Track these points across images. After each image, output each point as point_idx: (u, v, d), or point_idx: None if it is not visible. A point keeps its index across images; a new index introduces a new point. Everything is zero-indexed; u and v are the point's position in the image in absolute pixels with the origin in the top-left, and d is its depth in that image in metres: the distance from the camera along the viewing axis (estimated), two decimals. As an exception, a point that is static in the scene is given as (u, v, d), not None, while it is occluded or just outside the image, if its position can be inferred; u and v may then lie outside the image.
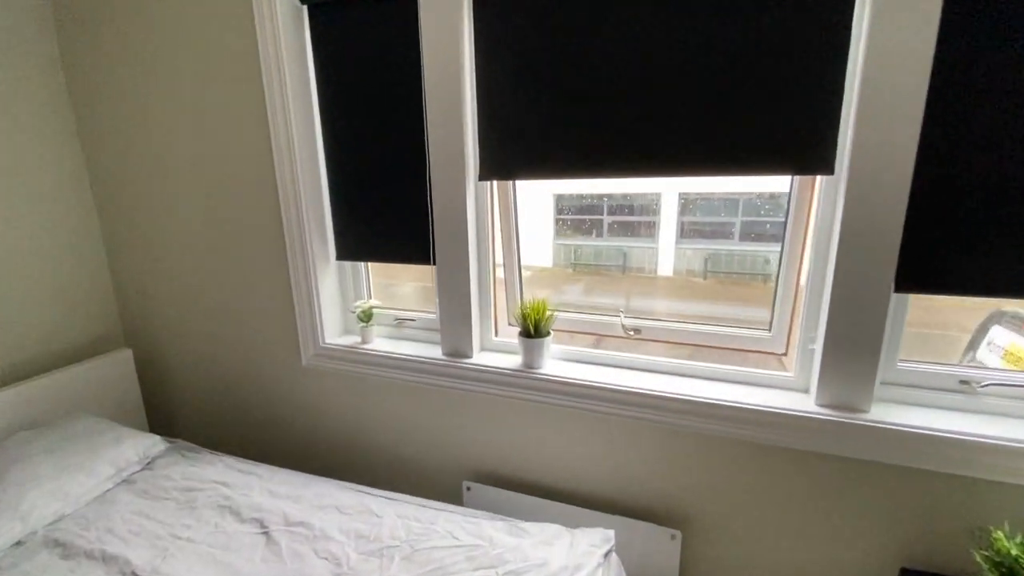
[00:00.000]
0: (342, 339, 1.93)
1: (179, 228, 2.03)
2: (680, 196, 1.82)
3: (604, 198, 2.03)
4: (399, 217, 1.73)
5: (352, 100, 1.69)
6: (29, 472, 1.50)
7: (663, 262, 1.89)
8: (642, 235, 1.93)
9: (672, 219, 1.84)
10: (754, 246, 1.72)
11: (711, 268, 1.83)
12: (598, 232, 2.07)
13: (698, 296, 1.88)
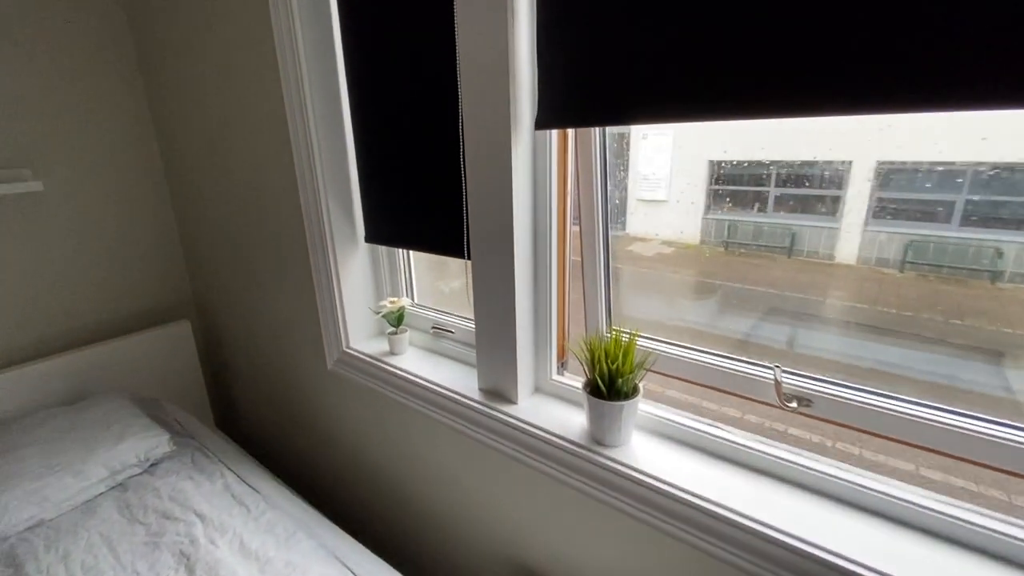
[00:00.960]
0: (371, 344, 1.50)
1: (221, 194, 1.77)
2: (878, 165, 1.22)
3: (772, 165, 1.42)
4: (428, 189, 1.21)
5: (377, 41, 1.18)
6: (15, 467, 1.34)
7: (844, 247, 1.40)
8: (819, 212, 1.40)
9: (863, 194, 1.30)
10: (983, 233, 1.14)
11: (913, 258, 1.30)
12: (761, 206, 1.53)
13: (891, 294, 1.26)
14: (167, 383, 2.04)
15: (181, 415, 1.87)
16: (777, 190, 1.48)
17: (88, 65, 1.77)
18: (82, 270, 1.85)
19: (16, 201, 1.67)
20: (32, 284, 1.74)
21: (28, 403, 1.67)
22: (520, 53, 0.91)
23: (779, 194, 1.50)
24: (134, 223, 1.96)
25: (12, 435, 1.45)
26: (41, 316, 1.77)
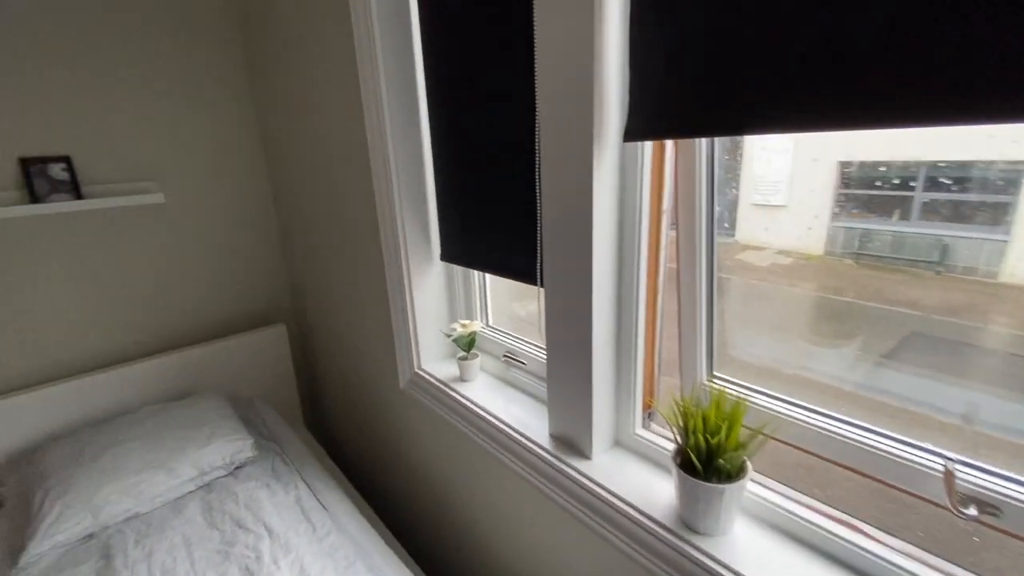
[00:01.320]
0: (443, 366, 1.42)
1: (313, 208, 1.81)
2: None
3: (919, 166, 1.15)
4: (500, 209, 1.09)
5: (455, 59, 1.09)
6: (120, 461, 1.44)
7: (1015, 263, 1.06)
8: (978, 222, 1.12)
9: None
10: None
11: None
12: (904, 214, 1.26)
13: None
14: (264, 383, 2.15)
15: (271, 416, 1.95)
16: (925, 195, 1.20)
17: (207, 89, 1.90)
18: (195, 275, 2.00)
19: (141, 211, 1.83)
20: (152, 286, 1.91)
21: (142, 396, 1.83)
22: (606, 54, 0.76)
23: (927, 199, 1.23)
24: (242, 233, 2.09)
25: (122, 428, 1.58)
26: (158, 316, 1.93)
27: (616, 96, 0.79)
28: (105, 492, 1.35)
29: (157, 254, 1.90)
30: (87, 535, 1.31)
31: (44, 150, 1.63)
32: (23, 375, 1.69)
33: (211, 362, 1.99)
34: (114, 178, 1.76)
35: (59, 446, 1.51)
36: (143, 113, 1.79)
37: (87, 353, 1.80)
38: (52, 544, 1.24)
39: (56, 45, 1.60)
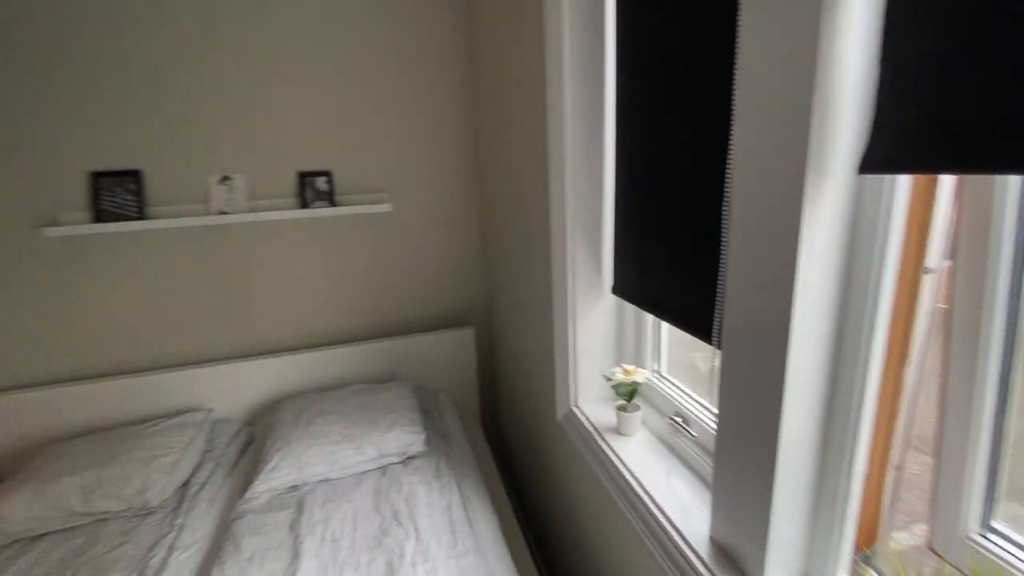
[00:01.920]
0: (602, 409, 1.29)
1: (505, 224, 1.87)
2: None
3: None
4: (677, 246, 0.90)
5: (648, 65, 0.95)
6: (325, 429, 1.70)
7: None
8: None
9: None
10: None
11: None
12: None
13: None
14: (451, 379, 2.31)
15: (450, 412, 2.09)
16: None
17: (438, 114, 2.14)
18: (408, 274, 2.27)
19: (373, 218, 2.16)
20: (375, 280, 2.23)
21: (355, 373, 2.15)
22: (837, 45, 0.53)
23: None
24: (452, 242, 2.30)
25: (332, 400, 1.88)
26: (376, 306, 2.26)
27: (849, 108, 0.55)
28: (310, 453, 1.61)
29: (381, 254, 2.21)
30: (291, 486, 1.58)
31: (314, 166, 2.04)
32: (281, 340, 2.15)
33: (410, 353, 2.23)
34: (358, 189, 2.11)
35: (289, 405, 1.86)
36: (384, 135, 2.10)
37: (325, 328, 2.20)
38: (267, 487, 1.53)
39: (325, 80, 2.00)
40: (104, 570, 1.28)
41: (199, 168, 1.93)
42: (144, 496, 1.48)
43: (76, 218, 1.82)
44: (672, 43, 0.88)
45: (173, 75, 1.83)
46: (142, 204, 1.86)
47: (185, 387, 1.97)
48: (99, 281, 1.91)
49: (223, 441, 1.82)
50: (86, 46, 1.74)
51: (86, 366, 1.95)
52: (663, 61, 0.91)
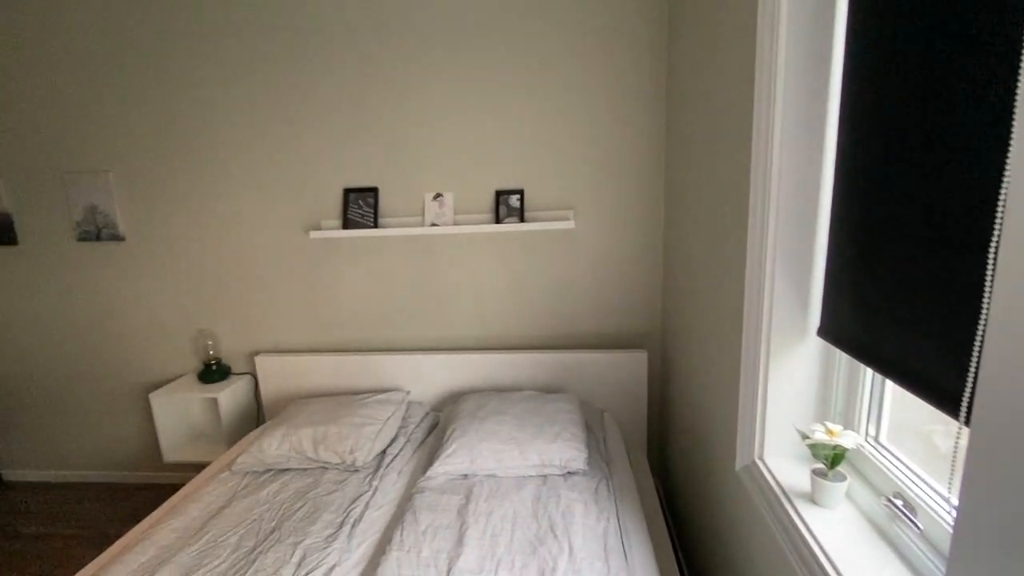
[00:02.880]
0: (793, 467, 1.12)
1: (689, 243, 1.77)
2: None
3: None
4: (922, 287, 0.73)
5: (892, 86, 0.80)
6: (497, 428, 1.82)
7: None
8: None
9: None
10: None
11: None
12: None
13: None
14: (619, 401, 2.27)
15: (614, 435, 2.05)
16: None
17: (626, 138, 2.14)
18: (587, 292, 2.31)
19: (557, 235, 2.25)
20: (552, 293, 2.32)
21: (526, 379, 2.26)
22: None
23: None
24: (632, 264, 2.26)
25: (507, 402, 2.00)
26: (552, 318, 2.34)
27: None
28: (481, 448, 1.75)
29: (562, 269, 2.29)
30: (463, 475, 1.73)
31: (509, 185, 2.22)
32: (469, 340, 2.39)
33: (580, 367, 2.25)
34: (545, 207, 2.23)
35: (471, 398, 2.05)
36: (573, 157, 2.18)
37: (507, 333, 2.37)
38: (443, 470, 1.71)
39: (523, 107, 2.15)
40: (321, 508, 1.58)
41: (418, 186, 2.26)
42: (353, 455, 1.79)
43: (331, 224, 2.31)
44: (929, 76, 0.73)
45: (402, 112, 2.20)
46: (376, 215, 2.26)
47: (390, 370, 2.32)
48: (342, 275, 2.38)
49: (414, 421, 2.09)
50: (341, 91, 2.20)
51: (329, 341, 2.45)
52: (914, 93, 0.76)
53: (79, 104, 2.33)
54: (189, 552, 1.43)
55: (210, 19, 2.19)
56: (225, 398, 2.32)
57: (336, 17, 2.14)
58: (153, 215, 2.42)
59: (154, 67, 2.26)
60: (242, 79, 2.23)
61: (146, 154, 2.36)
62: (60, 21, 2.26)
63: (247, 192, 2.34)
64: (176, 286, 2.48)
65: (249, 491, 1.71)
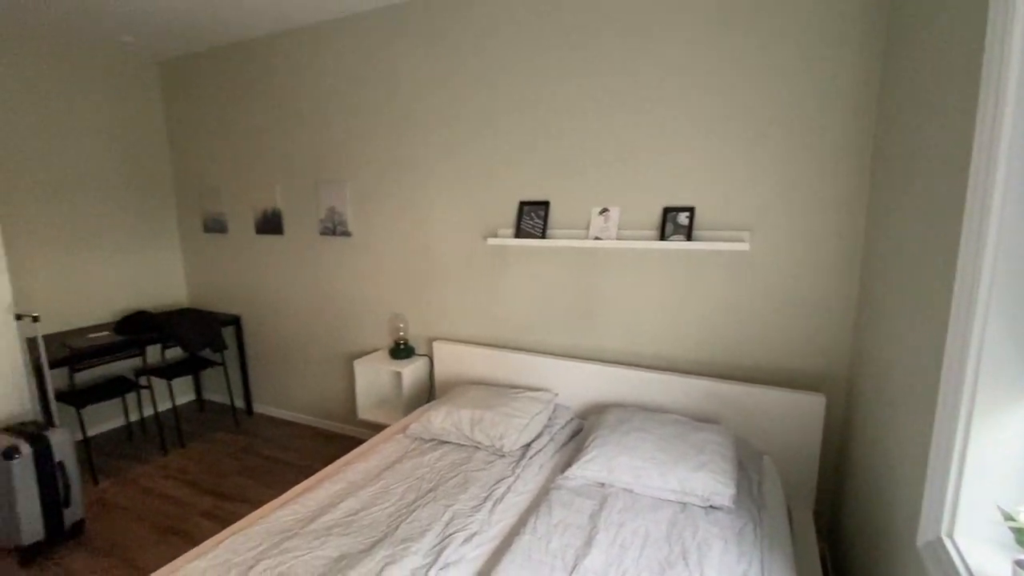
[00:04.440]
0: (987, 553, 0.92)
1: (893, 274, 1.54)
2: None
3: None
4: None
5: None
6: (638, 443, 1.82)
7: None
8: None
9: None
10: None
11: None
12: None
13: None
14: (783, 445, 2.04)
15: (771, 482, 1.86)
16: None
17: (817, 158, 1.94)
18: (757, 320, 2.13)
19: (727, 256, 2.13)
20: (714, 317, 2.20)
21: (674, 402, 2.18)
22: None
23: None
24: (815, 295, 2.03)
25: (651, 421, 1.97)
26: (711, 343, 2.22)
27: None
28: (620, 460, 1.76)
29: (729, 293, 2.16)
30: (599, 482, 1.77)
31: (678, 202, 2.19)
32: (618, 353, 2.40)
33: (738, 401, 2.10)
34: (717, 226, 2.14)
35: (615, 411, 2.07)
36: (752, 174, 2.05)
37: (658, 352, 2.33)
38: (581, 474, 1.77)
39: (695, 121, 2.09)
40: (471, 482, 1.79)
41: (586, 201, 2.37)
42: (502, 441, 1.97)
43: (505, 233, 2.56)
44: None
45: (574, 132, 2.33)
46: (545, 227, 2.44)
47: (541, 371, 2.46)
48: (509, 279, 2.62)
49: (559, 423, 2.20)
50: (520, 116, 2.42)
51: (492, 336, 2.72)
52: None
53: (331, 131, 3.01)
54: (367, 491, 1.75)
55: (427, 68, 2.63)
56: (407, 373, 2.73)
57: (521, 52, 2.39)
58: (372, 217, 2.98)
59: (385, 104, 2.80)
60: (442, 109, 2.62)
61: (372, 168, 2.92)
62: (328, 69, 2.95)
63: (441, 201, 2.74)
64: (382, 276, 3.02)
65: (416, 454, 2.00)
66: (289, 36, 3.05)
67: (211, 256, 3.71)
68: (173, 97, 3.63)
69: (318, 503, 1.69)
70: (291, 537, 1.51)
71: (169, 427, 3.45)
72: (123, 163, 3.48)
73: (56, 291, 3.17)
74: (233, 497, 2.66)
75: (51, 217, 3.13)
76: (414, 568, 1.39)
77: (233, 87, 3.33)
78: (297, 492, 1.80)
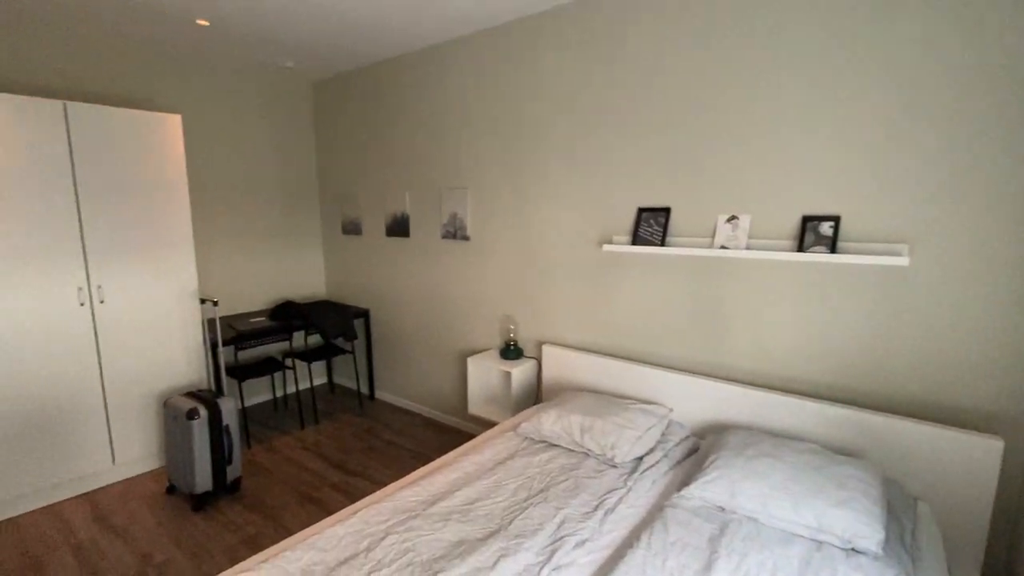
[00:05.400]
0: None
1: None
2: None
3: None
4: None
5: None
6: (765, 471, 1.68)
7: None
8: None
9: None
10: None
11: None
12: None
13: None
14: (944, 491, 1.77)
15: (928, 532, 1.63)
16: None
17: (1010, 157, 1.65)
18: (916, 346, 1.87)
19: (878, 271, 1.90)
20: (866, 342, 1.96)
21: (807, 430, 1.98)
22: None
23: None
24: (997, 319, 1.73)
25: (783, 448, 1.81)
26: (860, 370, 1.98)
27: None
28: (745, 485, 1.65)
29: (882, 312, 1.92)
30: (719, 507, 1.67)
31: (820, 210, 2.00)
32: (743, 371, 2.25)
33: (887, 436, 1.85)
34: (867, 238, 1.91)
35: (739, 433, 1.94)
36: (910, 178, 1.80)
37: (790, 374, 2.14)
38: (700, 494, 1.68)
39: (839, 120, 1.88)
40: (582, 488, 1.79)
41: (711, 207, 2.26)
42: (613, 452, 1.94)
43: (621, 240, 2.52)
44: None
45: (698, 132, 2.22)
46: (664, 234, 2.37)
47: (653, 383, 2.39)
48: (622, 287, 2.58)
49: (673, 440, 2.11)
50: (640, 119, 2.36)
51: (601, 344, 2.69)
52: None
53: (455, 141, 3.19)
54: (482, 483, 1.83)
55: (549, 80, 2.69)
56: (517, 374, 2.80)
57: (655, 59, 2.34)
58: (490, 222, 3.11)
59: (505, 114, 2.91)
60: (563, 119, 2.66)
61: (491, 176, 3.05)
62: (453, 84, 3.14)
63: (556, 208, 2.78)
64: (496, 278, 3.13)
65: (526, 453, 2.05)
66: (420, 55, 3.30)
67: (347, 254, 4.13)
68: (322, 112, 4.11)
69: (437, 488, 1.81)
70: (415, 517, 1.62)
71: (306, 405, 3.89)
72: (280, 172, 4.00)
73: (225, 280, 3.74)
74: (358, 474, 2.92)
75: (225, 218, 3.70)
76: (528, 564, 1.43)
77: (371, 103, 3.69)
78: (418, 476, 1.94)
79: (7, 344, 2.45)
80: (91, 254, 2.64)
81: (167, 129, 2.86)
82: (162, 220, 2.87)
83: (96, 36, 3.01)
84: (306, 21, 2.82)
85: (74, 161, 2.56)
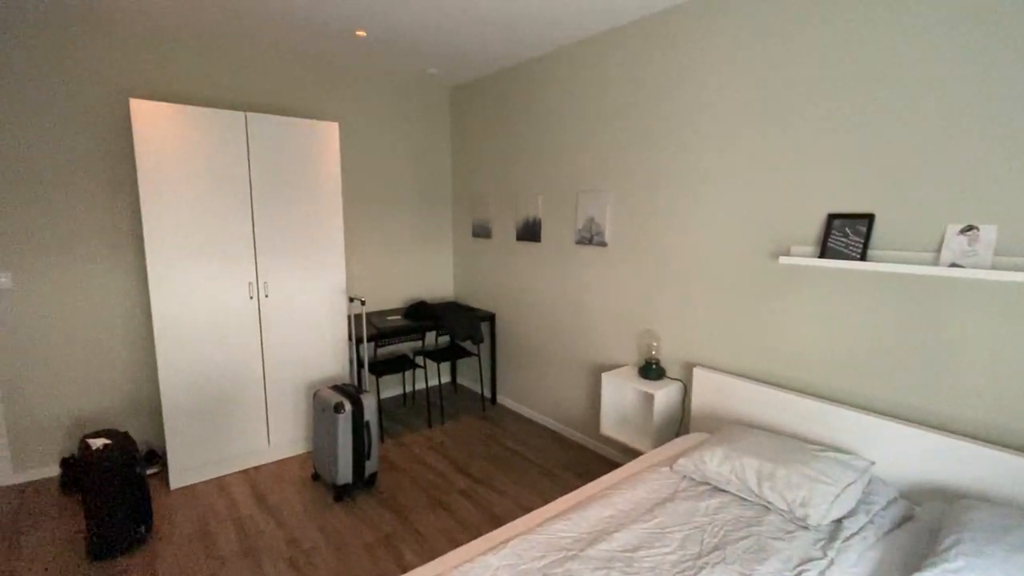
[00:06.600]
0: None
1: None
2: None
3: None
4: None
5: None
6: None
7: None
8: None
9: None
10: None
11: None
12: None
13: None
14: None
15: None
16: None
17: None
18: None
19: None
20: None
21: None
22: None
23: None
24: None
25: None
26: None
27: None
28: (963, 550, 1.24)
29: None
30: None
31: None
32: (982, 424, 1.76)
33: None
34: None
35: (987, 509, 1.49)
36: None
37: None
38: (941, 587, 1.30)
39: None
40: (769, 551, 1.48)
41: (936, 214, 1.80)
42: (804, 510, 1.60)
43: (804, 252, 2.14)
44: None
45: (916, 119, 1.76)
46: (865, 246, 1.95)
47: (841, 426, 1.97)
48: (801, 307, 2.18)
49: (878, 502, 1.70)
50: (830, 106, 1.95)
51: (769, 372, 2.32)
52: None
53: (594, 143, 2.99)
54: (641, 527, 1.61)
55: (705, 70, 2.37)
56: (660, 397, 2.53)
57: (825, 35, 1.93)
58: (631, 227, 2.86)
59: (652, 112, 2.64)
60: (727, 110, 2.33)
61: (636, 178, 2.80)
62: (593, 82, 2.94)
63: (713, 212, 2.45)
64: (635, 289, 2.88)
65: (689, 496, 1.79)
66: (556, 56, 3.15)
67: (476, 258, 4.13)
68: (458, 116, 4.15)
69: (591, 525, 1.62)
70: (572, 558, 1.45)
71: (432, 403, 3.95)
72: (417, 176, 4.11)
73: (365, 278, 3.92)
74: (483, 482, 2.85)
75: (367, 219, 3.88)
76: (717, 646, 1.18)
77: (505, 105, 3.63)
78: (567, 506, 1.77)
79: (196, 332, 2.73)
80: (260, 252, 2.87)
81: (326, 136, 3.02)
82: (318, 221, 3.05)
83: (265, 52, 3.29)
84: (451, 27, 2.81)
85: (251, 166, 2.79)
